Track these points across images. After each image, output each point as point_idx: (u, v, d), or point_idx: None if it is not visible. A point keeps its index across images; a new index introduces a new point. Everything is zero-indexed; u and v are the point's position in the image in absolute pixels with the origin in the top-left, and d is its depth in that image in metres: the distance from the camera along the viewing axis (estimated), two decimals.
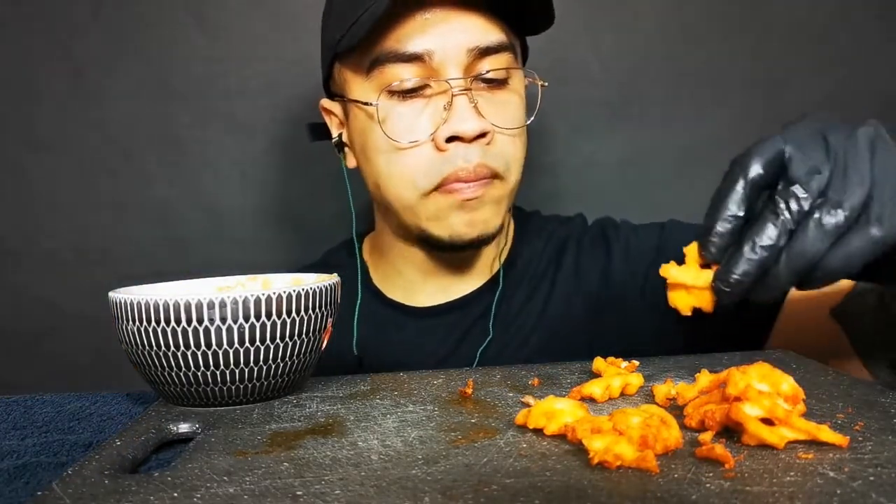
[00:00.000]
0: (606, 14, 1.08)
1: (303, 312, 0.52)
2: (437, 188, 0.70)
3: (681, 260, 0.49)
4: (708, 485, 0.34)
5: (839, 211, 0.43)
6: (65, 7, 1.04)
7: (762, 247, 0.44)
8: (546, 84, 0.76)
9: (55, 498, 0.36)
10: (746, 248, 0.44)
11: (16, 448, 0.50)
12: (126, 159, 1.07)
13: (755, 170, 0.46)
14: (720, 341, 0.68)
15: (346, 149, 0.79)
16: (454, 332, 0.80)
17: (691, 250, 0.48)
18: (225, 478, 0.38)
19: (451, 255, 0.78)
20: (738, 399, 0.40)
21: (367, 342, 0.80)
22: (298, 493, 0.35)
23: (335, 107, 0.78)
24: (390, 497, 0.34)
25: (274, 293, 0.50)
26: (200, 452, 0.42)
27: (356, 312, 0.81)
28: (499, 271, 0.81)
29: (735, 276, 0.45)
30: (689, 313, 0.49)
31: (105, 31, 1.05)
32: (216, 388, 0.51)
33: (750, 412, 0.39)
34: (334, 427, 0.46)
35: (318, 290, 0.52)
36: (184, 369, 0.50)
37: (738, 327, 0.72)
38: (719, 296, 0.46)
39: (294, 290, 0.51)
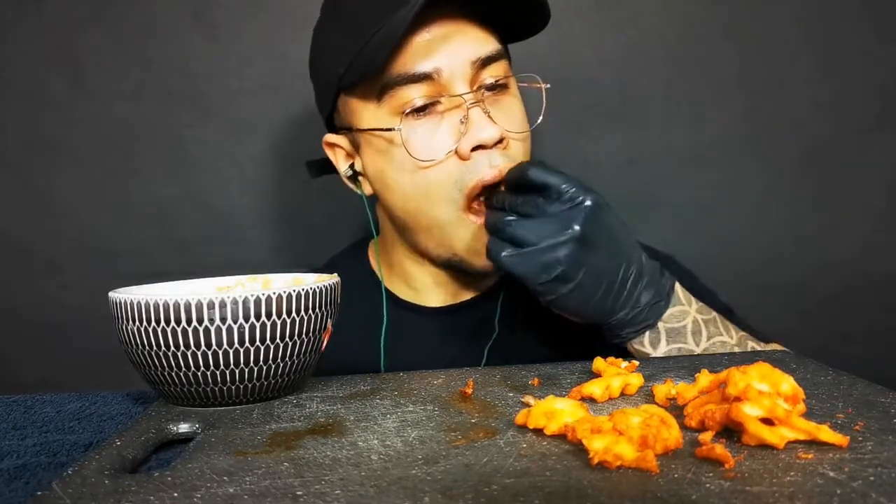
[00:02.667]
0: (606, 14, 1.08)
1: (303, 312, 0.52)
2: (469, 206, 0.72)
3: None
4: (708, 485, 0.34)
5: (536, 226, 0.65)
6: (65, 7, 1.04)
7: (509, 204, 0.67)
8: (549, 86, 0.78)
9: (55, 498, 0.36)
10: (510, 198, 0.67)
11: (16, 448, 0.50)
12: (126, 159, 1.07)
13: (562, 183, 0.66)
14: None
15: (361, 178, 0.80)
16: (464, 331, 0.82)
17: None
18: (225, 478, 0.38)
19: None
20: (738, 399, 0.40)
21: (380, 342, 0.81)
22: (298, 493, 0.35)
23: (341, 140, 0.79)
24: (390, 497, 0.34)
25: (274, 293, 0.50)
26: (200, 452, 0.42)
27: (384, 321, 0.81)
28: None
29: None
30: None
31: (105, 31, 1.05)
32: (216, 388, 0.51)
33: (750, 412, 0.39)
34: (334, 427, 0.46)
35: (318, 290, 0.52)
36: (184, 369, 0.50)
37: None
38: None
39: (294, 290, 0.51)
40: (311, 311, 0.52)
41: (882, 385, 0.50)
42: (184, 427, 0.49)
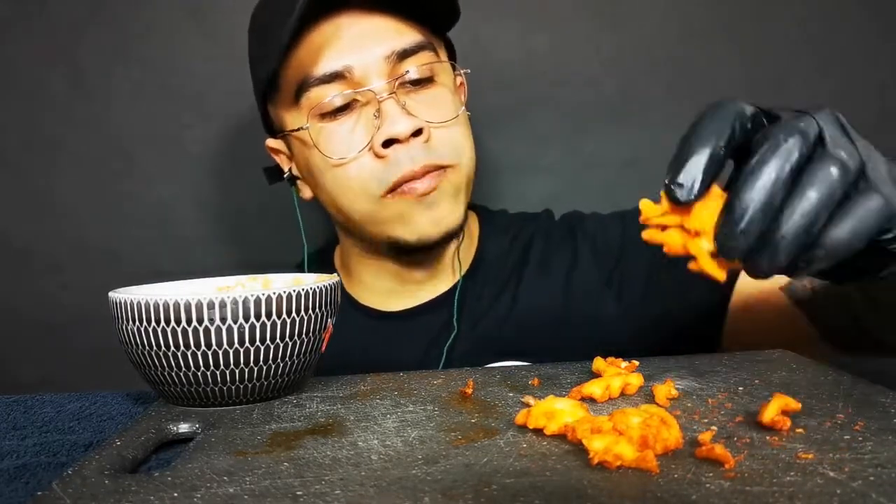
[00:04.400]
0: (606, 14, 1.08)
1: (303, 312, 0.52)
2: (391, 192, 0.71)
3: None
4: (708, 485, 0.34)
5: (840, 166, 0.36)
6: (65, 7, 1.04)
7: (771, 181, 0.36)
8: (468, 71, 0.77)
9: (55, 498, 0.36)
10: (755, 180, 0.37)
11: (16, 448, 0.50)
12: (126, 159, 1.07)
13: (741, 109, 0.40)
14: (678, 337, 0.72)
15: (299, 181, 0.81)
16: (428, 334, 0.80)
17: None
18: (225, 478, 0.38)
19: (420, 257, 0.78)
20: (697, 234, 0.40)
21: (344, 348, 0.80)
22: (298, 493, 0.35)
23: (279, 144, 0.80)
24: (390, 497, 0.34)
25: (274, 293, 0.50)
26: (200, 452, 0.42)
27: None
28: (464, 268, 0.81)
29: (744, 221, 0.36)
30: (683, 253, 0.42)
31: (105, 31, 1.05)
32: (216, 388, 0.51)
33: (704, 247, 0.40)
34: (334, 427, 0.46)
35: (318, 290, 0.52)
36: (184, 369, 0.50)
37: (692, 318, 0.73)
38: (724, 248, 0.38)
39: (294, 290, 0.51)
40: (311, 311, 0.52)
41: (882, 385, 0.50)
42: (184, 427, 0.49)
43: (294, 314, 0.51)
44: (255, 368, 0.51)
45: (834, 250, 0.37)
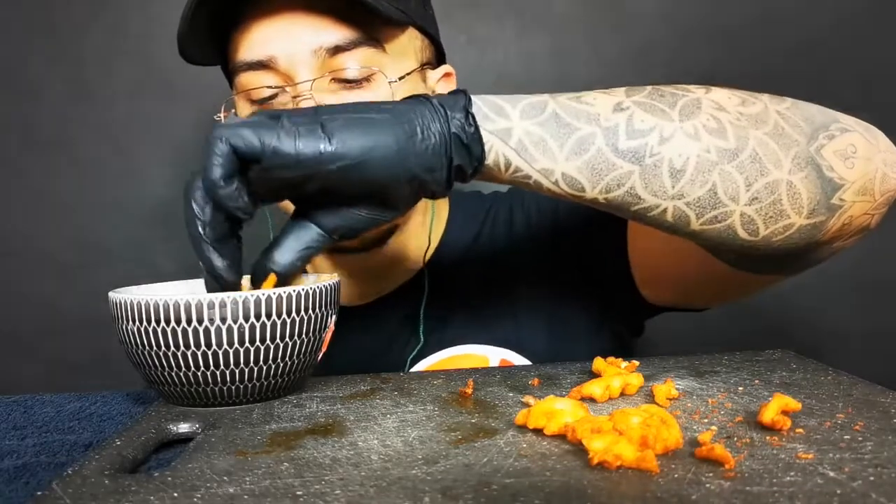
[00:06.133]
0: (606, 14, 1.08)
1: (303, 312, 0.52)
2: None
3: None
4: (708, 485, 0.34)
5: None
6: (65, 7, 1.04)
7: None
8: (394, 80, 0.70)
9: (55, 498, 0.36)
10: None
11: (16, 448, 0.50)
12: (126, 159, 1.07)
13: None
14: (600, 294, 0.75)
15: None
16: (383, 332, 0.79)
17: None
18: (225, 478, 0.38)
19: (353, 254, 0.75)
20: None
21: None
22: (298, 493, 0.35)
23: None
24: (390, 497, 0.34)
25: (274, 293, 0.50)
26: (200, 452, 0.42)
27: None
28: (423, 271, 0.79)
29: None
30: None
31: (105, 31, 1.05)
32: (216, 388, 0.51)
33: None
34: (334, 427, 0.46)
35: (318, 290, 0.52)
36: (184, 369, 0.50)
37: (602, 261, 0.75)
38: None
39: (294, 290, 0.51)
40: (311, 311, 0.52)
41: (882, 385, 0.50)
42: (184, 427, 0.49)
43: (294, 314, 0.51)
44: (255, 368, 0.51)
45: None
